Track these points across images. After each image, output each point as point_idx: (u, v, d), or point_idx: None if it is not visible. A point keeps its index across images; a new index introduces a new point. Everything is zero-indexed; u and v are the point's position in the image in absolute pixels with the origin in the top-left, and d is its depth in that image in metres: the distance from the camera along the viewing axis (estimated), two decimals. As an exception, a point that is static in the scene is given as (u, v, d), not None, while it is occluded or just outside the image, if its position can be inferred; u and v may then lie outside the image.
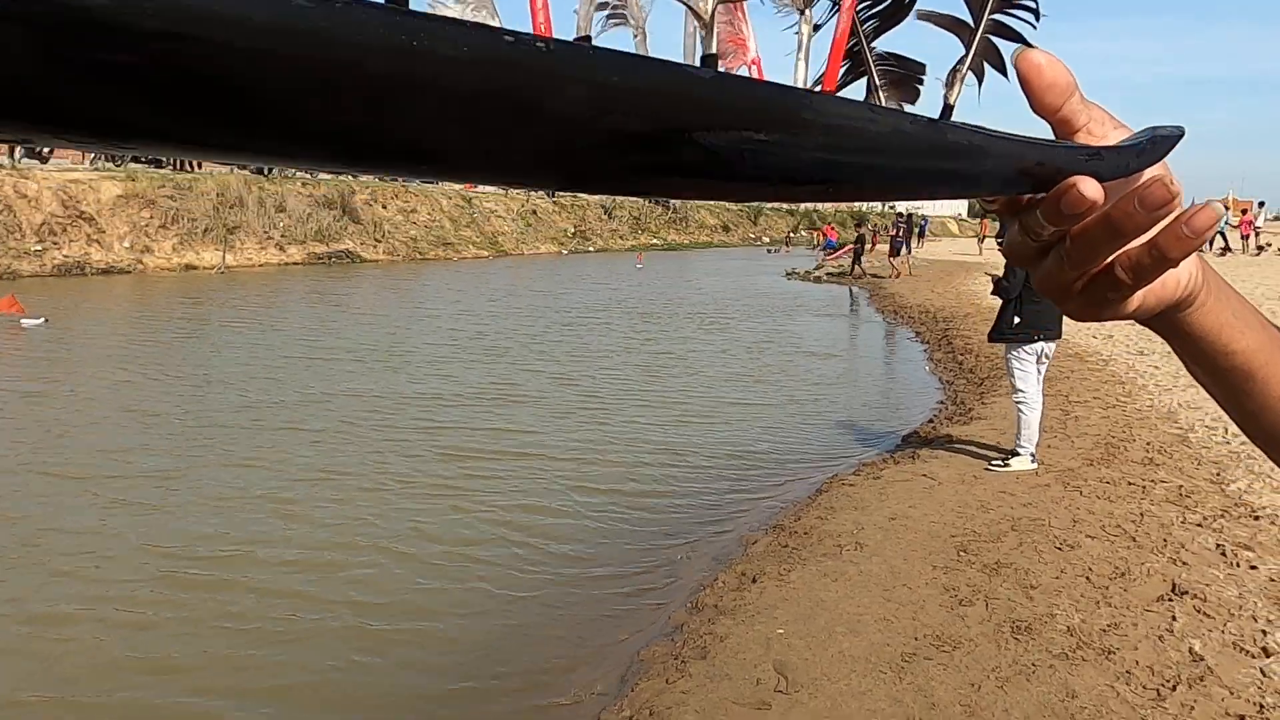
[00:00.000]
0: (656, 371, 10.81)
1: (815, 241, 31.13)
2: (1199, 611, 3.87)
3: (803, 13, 0.39)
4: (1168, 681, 3.33)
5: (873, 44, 0.43)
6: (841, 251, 30.15)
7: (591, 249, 37.75)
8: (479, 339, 12.97)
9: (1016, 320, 6.27)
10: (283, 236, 26.36)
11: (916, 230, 36.39)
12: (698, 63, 0.37)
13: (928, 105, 0.43)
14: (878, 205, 73.10)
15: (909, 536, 4.93)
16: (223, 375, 9.85)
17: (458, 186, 33.15)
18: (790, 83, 0.39)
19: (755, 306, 18.36)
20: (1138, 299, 0.48)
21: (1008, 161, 0.40)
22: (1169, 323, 0.52)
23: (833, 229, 31.94)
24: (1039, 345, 6.26)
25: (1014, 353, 6.33)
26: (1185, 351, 0.54)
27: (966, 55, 0.41)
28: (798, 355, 12.38)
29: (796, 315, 17.42)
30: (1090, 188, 0.40)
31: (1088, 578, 4.28)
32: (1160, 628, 3.74)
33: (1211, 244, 31.66)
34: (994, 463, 6.22)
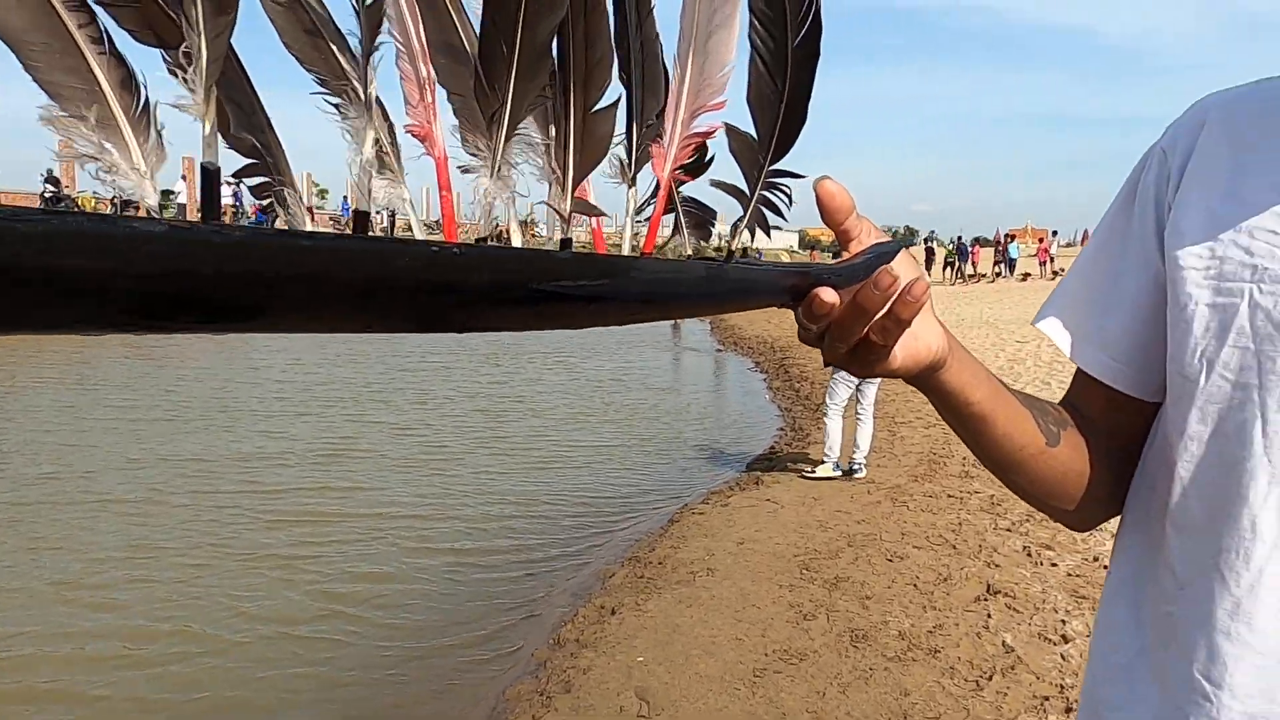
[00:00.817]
0: (502, 416, 10.77)
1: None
2: (1009, 608, 4.31)
3: (631, 186, 0.54)
4: (985, 673, 3.71)
5: (680, 189, 0.57)
6: None
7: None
8: (311, 390, 12.42)
9: None
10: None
11: (752, 263, 37.69)
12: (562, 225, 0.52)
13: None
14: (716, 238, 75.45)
15: (756, 559, 5.23)
16: (21, 444, 8.94)
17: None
18: (626, 231, 0.56)
19: (600, 343, 18.65)
20: (897, 359, 0.63)
21: (775, 285, 0.56)
22: (925, 381, 0.69)
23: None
24: None
25: (839, 374, 7.02)
26: (939, 403, 0.73)
27: (745, 216, 0.57)
28: (643, 391, 12.69)
29: (641, 350, 17.84)
30: (828, 294, 0.57)
31: (915, 585, 4.68)
32: (978, 625, 4.15)
33: (1011, 270, 34.44)
34: (806, 471, 7.16)
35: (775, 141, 0.55)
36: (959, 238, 37.80)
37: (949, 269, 34.96)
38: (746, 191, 0.57)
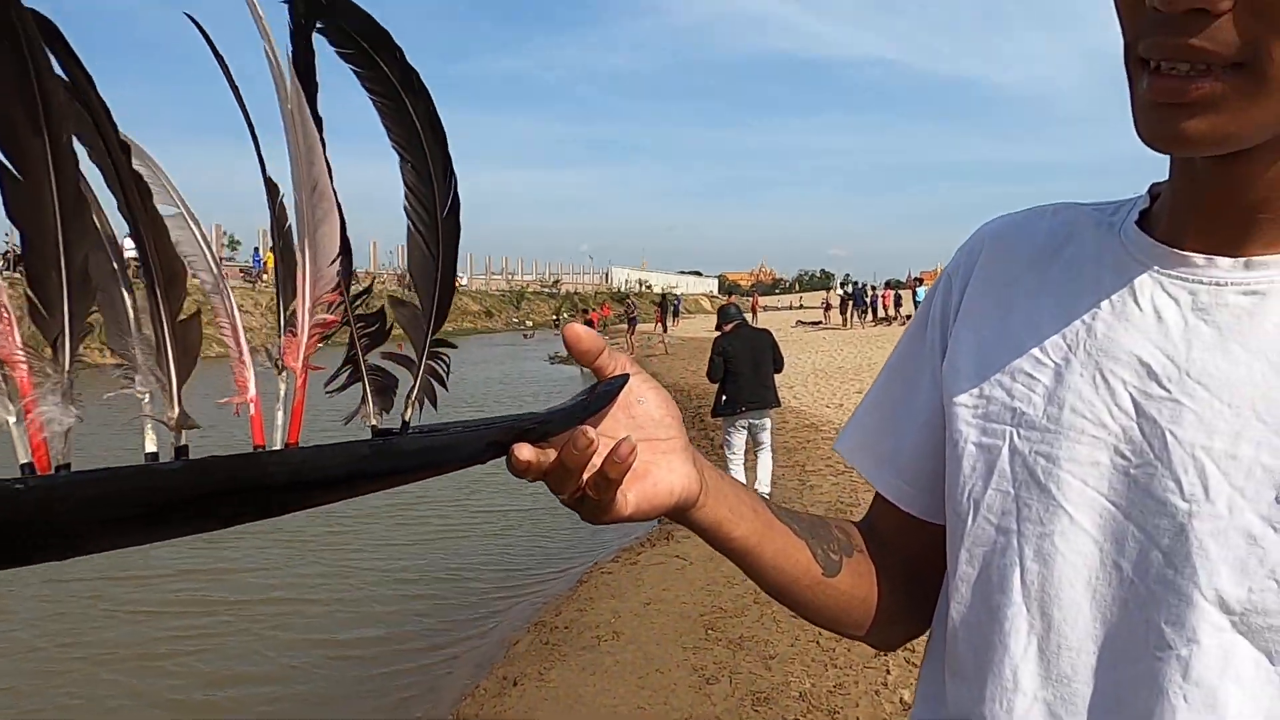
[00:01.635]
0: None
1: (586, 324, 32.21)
2: (908, 662, 4.35)
3: (279, 373, 0.53)
4: (883, 733, 3.72)
5: (366, 357, 0.56)
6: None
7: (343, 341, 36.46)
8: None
9: (724, 398, 7.17)
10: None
11: (671, 309, 38.23)
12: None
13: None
14: (636, 285, 76.19)
15: (662, 620, 5.18)
16: None
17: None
18: (278, 422, 0.52)
19: (518, 396, 18.51)
20: (629, 506, 0.61)
21: (469, 448, 0.55)
22: (677, 518, 0.67)
23: (607, 307, 32.36)
24: (745, 419, 7.18)
25: (728, 424, 7.25)
26: (698, 535, 0.72)
27: (414, 387, 0.57)
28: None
29: (559, 398, 17.68)
30: (522, 453, 0.56)
31: (818, 643, 4.69)
32: (877, 682, 4.17)
33: (872, 312, 35.73)
34: None
35: (435, 311, 0.57)
36: (855, 282, 39.01)
37: (851, 312, 35.91)
38: (415, 360, 0.57)
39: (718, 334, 7.30)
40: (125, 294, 0.48)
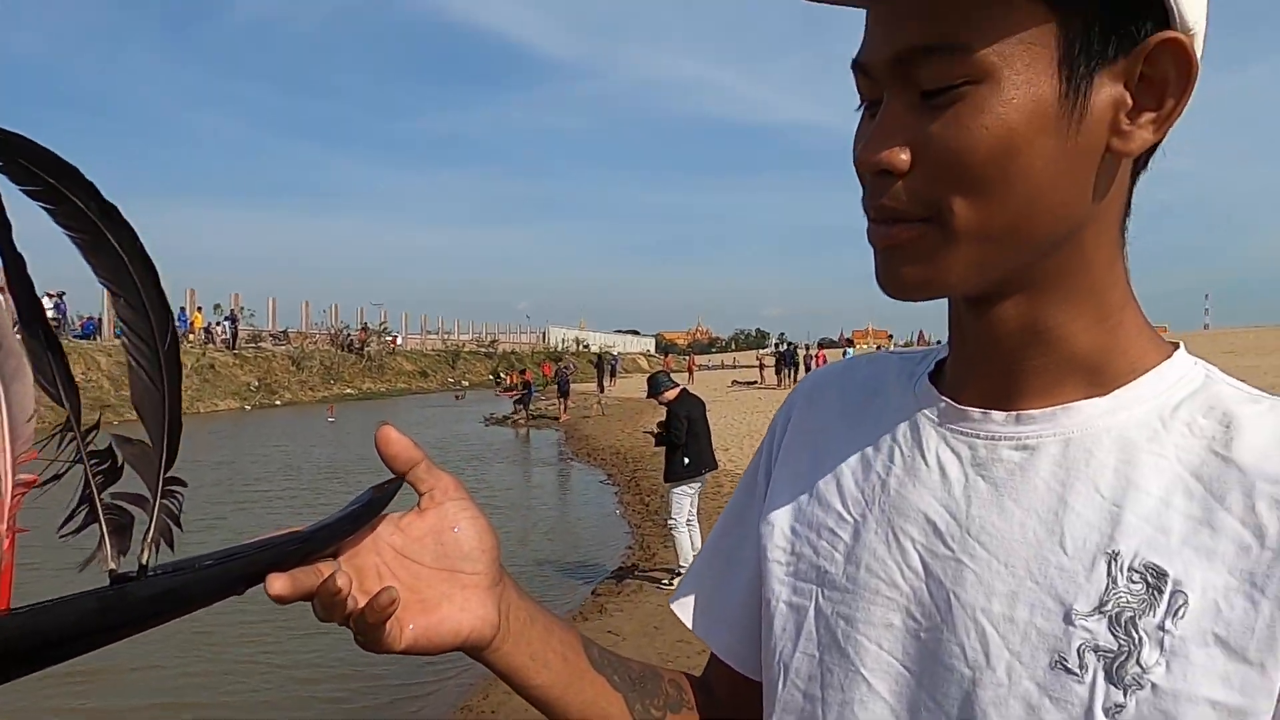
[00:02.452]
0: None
1: (511, 383, 31.51)
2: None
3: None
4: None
5: (102, 496, 0.52)
6: (510, 392, 30.81)
7: (279, 402, 35.61)
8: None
9: (687, 461, 7.20)
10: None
11: (609, 369, 38.28)
12: None
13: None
14: (573, 344, 76.28)
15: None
16: None
17: (118, 340, 30.21)
18: None
19: (451, 461, 18.20)
20: (403, 642, 0.59)
21: (220, 583, 0.53)
22: (471, 655, 0.64)
23: (547, 366, 31.67)
24: (700, 481, 7.37)
25: (680, 488, 7.23)
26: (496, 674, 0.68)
27: (150, 526, 0.54)
28: (491, 510, 12.37)
29: (493, 464, 17.50)
30: (274, 586, 0.53)
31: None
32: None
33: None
34: (663, 582, 7.46)
35: (167, 447, 0.55)
36: (789, 342, 39.73)
37: (784, 372, 36.40)
38: (150, 499, 0.54)
39: (670, 399, 7.39)
40: None
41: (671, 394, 7.47)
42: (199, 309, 40.16)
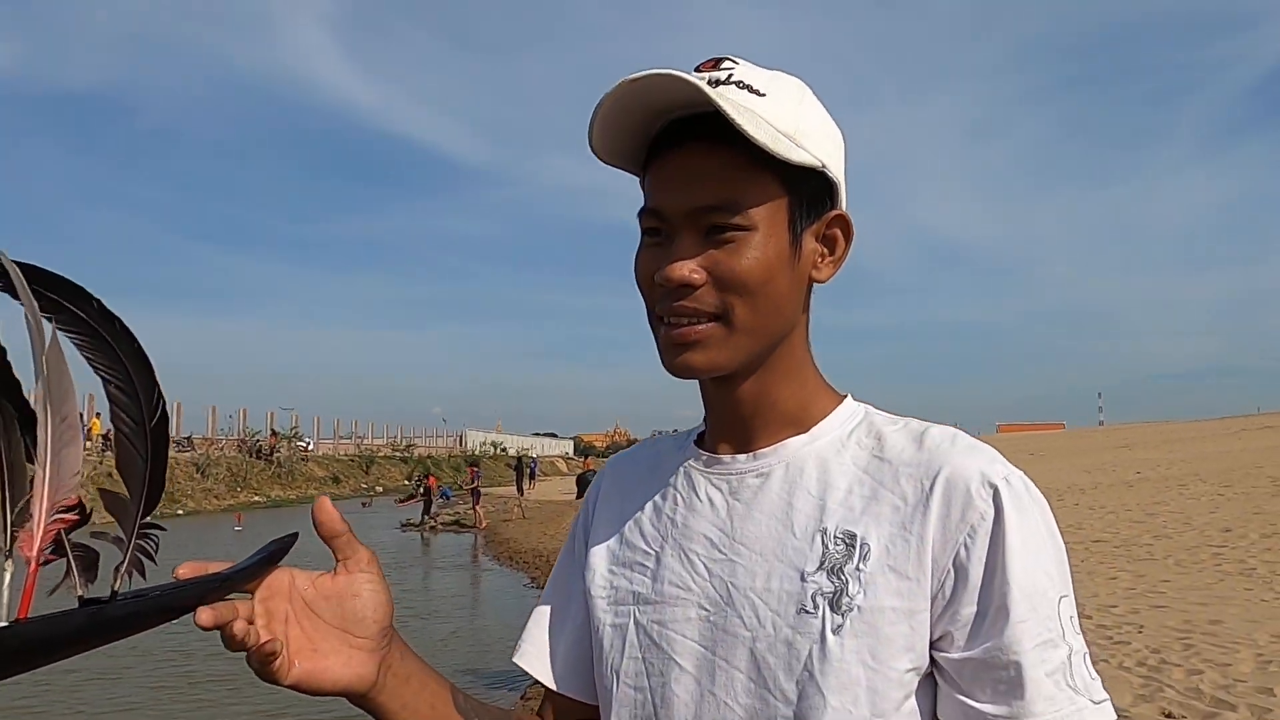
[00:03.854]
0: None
1: (421, 490, 30.55)
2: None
3: (7, 559, 0.63)
4: None
5: (69, 537, 0.65)
6: (410, 501, 30.03)
7: (181, 511, 33.95)
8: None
9: None
10: None
11: (528, 472, 37.77)
12: None
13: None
14: (490, 448, 75.18)
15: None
16: None
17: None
18: (3, 600, 0.61)
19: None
20: (290, 678, 0.72)
21: (167, 606, 0.67)
22: (352, 703, 0.77)
23: (472, 470, 30.75)
24: None
25: None
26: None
27: (124, 561, 0.68)
28: (412, 618, 11.98)
29: (413, 569, 16.99)
30: (203, 615, 0.67)
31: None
32: None
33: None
34: None
35: (145, 501, 0.69)
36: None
37: None
38: (124, 540, 0.69)
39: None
40: None
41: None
42: (97, 415, 38.41)
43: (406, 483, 46.20)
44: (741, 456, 0.87)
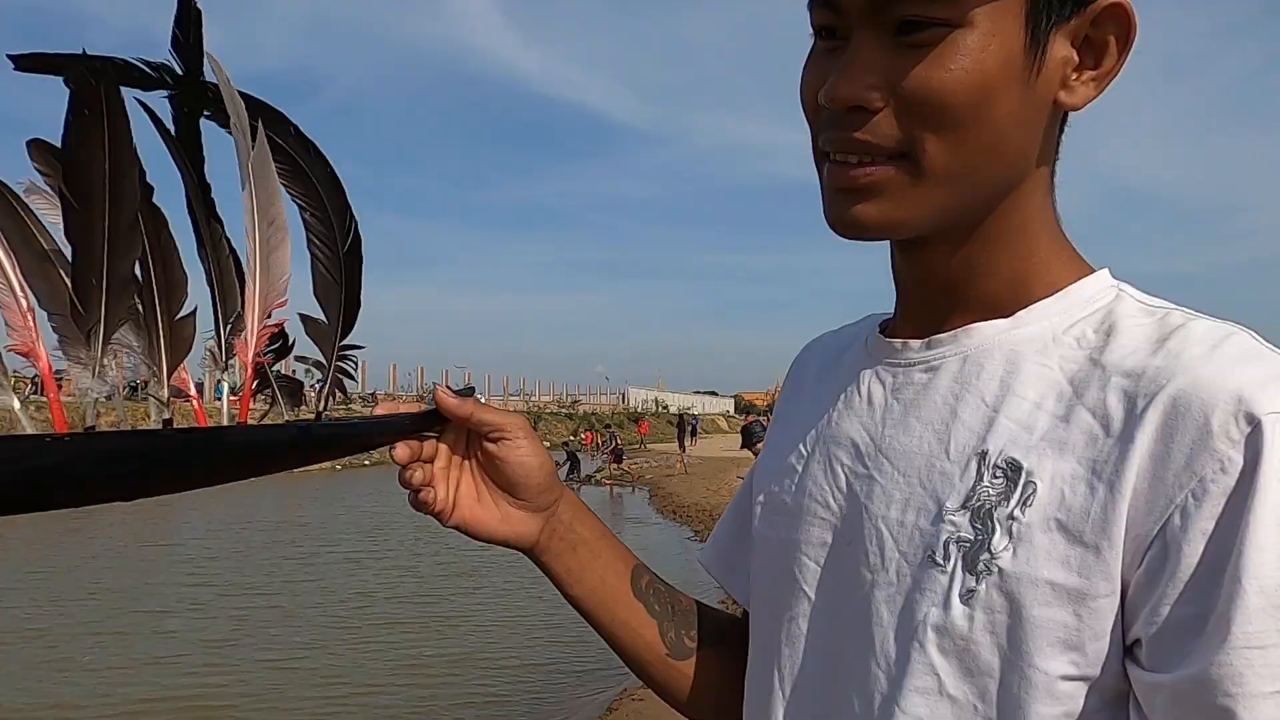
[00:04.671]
0: (439, 593, 10.41)
1: (599, 444, 31.32)
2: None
3: (223, 372, 0.68)
4: None
5: (273, 368, 0.69)
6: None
7: (368, 462, 36.38)
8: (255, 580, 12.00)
9: None
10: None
11: (689, 428, 38.07)
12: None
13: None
14: (652, 405, 76.17)
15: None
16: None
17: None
18: (223, 406, 0.66)
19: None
20: (452, 521, 0.75)
21: (370, 432, 0.71)
22: (531, 556, 0.79)
23: (645, 425, 30.78)
24: None
25: None
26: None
27: (326, 383, 0.73)
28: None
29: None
30: (400, 451, 0.71)
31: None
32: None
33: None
34: None
35: (341, 324, 0.72)
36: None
37: None
38: (325, 364, 0.73)
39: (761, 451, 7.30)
40: (140, 299, 0.63)
41: (761, 445, 7.43)
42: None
43: (571, 439, 47.63)
44: (915, 343, 0.66)
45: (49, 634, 8.43)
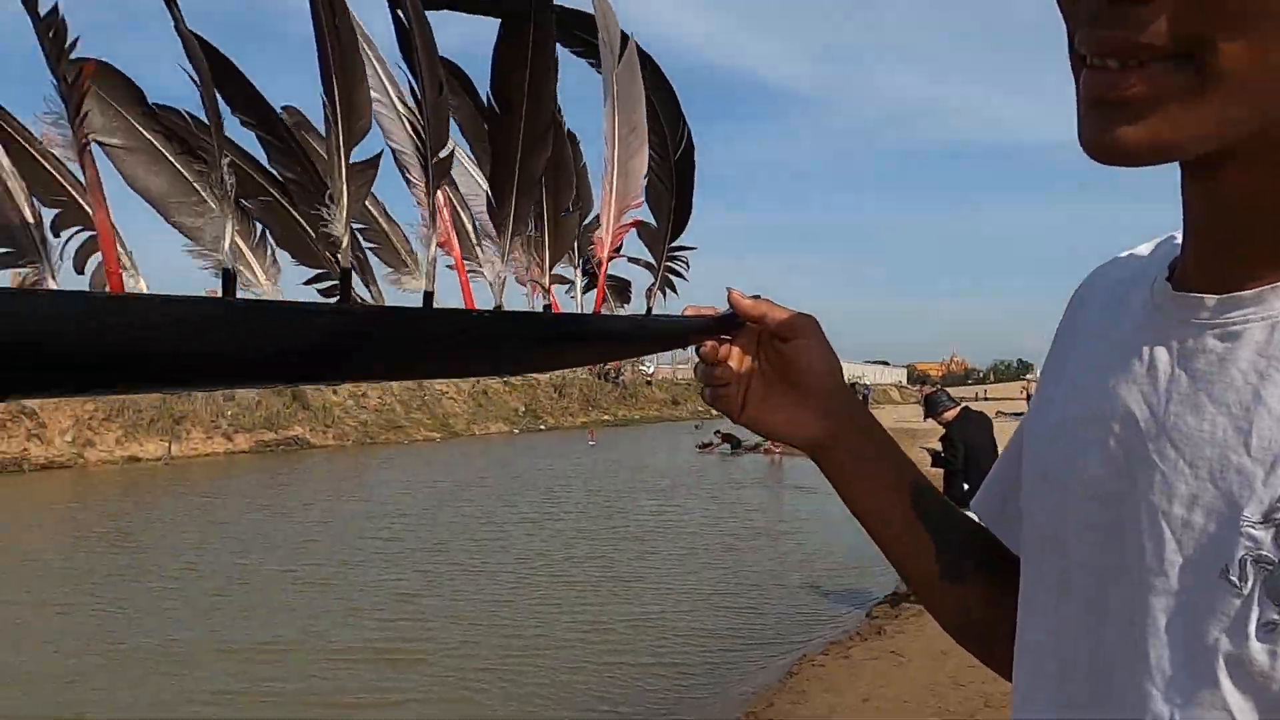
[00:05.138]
0: (613, 556, 10.67)
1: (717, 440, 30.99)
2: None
3: (577, 268, 0.77)
4: None
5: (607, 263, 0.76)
6: (709, 449, 30.21)
7: (543, 427, 37.80)
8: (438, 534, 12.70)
9: (966, 486, 6.70)
10: (230, 425, 26.09)
11: (861, 399, 37.20)
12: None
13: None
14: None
15: (883, 719, 4.87)
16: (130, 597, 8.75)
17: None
18: (577, 298, 0.76)
19: (707, 480, 18.45)
20: (742, 418, 0.80)
21: (680, 330, 0.77)
22: (814, 459, 0.81)
23: None
24: None
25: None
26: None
27: (655, 282, 0.81)
28: (751, 531, 12.39)
29: (746, 488, 17.53)
30: (707, 347, 0.78)
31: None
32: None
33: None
34: None
35: (671, 228, 0.80)
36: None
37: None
38: (655, 265, 0.81)
39: (948, 419, 7.00)
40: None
41: (950, 414, 7.09)
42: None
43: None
44: (1209, 299, 0.54)
45: (276, 578, 9.20)
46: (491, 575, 9.47)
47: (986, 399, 64.84)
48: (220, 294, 0.50)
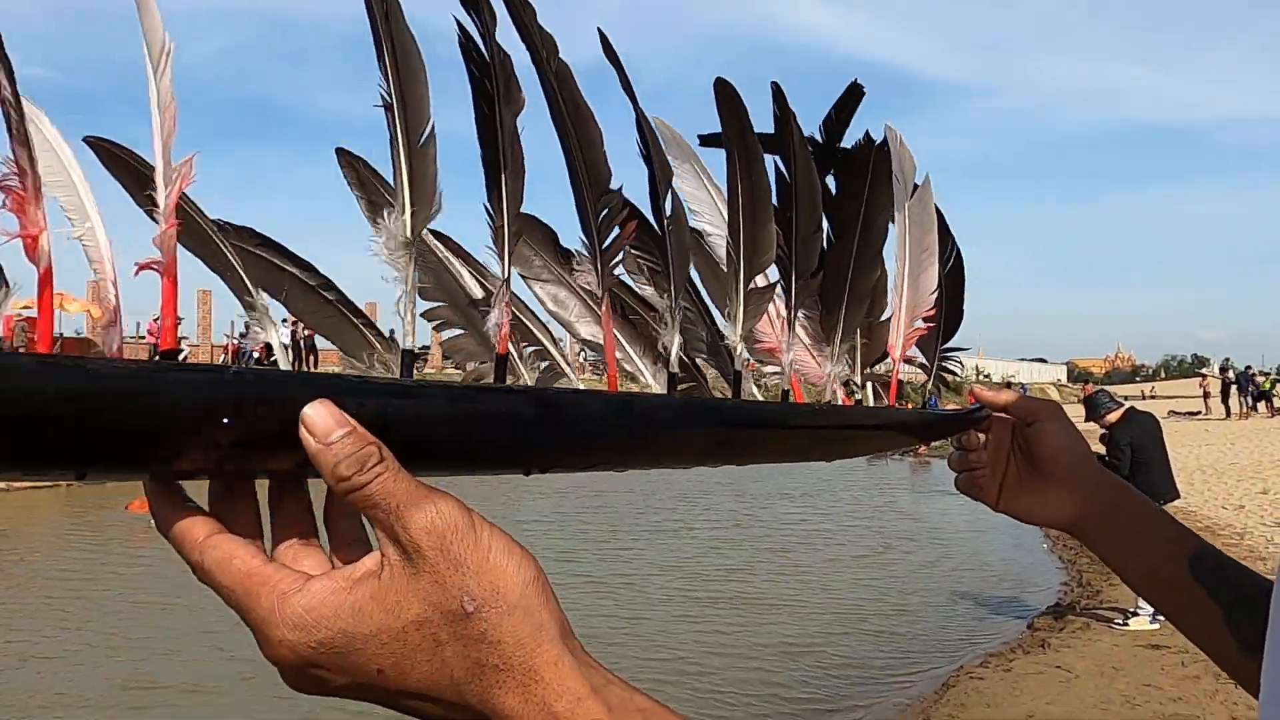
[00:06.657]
0: (770, 556, 10.57)
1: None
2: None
3: (865, 372, 0.86)
4: None
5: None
6: None
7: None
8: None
9: None
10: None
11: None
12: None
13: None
14: (973, 373, 72.15)
15: (1050, 737, 4.63)
16: None
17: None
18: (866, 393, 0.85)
19: (863, 482, 18.03)
20: (999, 504, 0.85)
21: (949, 423, 0.85)
22: (1075, 536, 0.85)
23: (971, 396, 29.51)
24: None
25: None
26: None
27: (929, 379, 0.92)
28: (909, 535, 12.02)
29: (905, 492, 17.02)
30: (969, 439, 0.85)
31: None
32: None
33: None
34: (1116, 622, 6.64)
35: (943, 332, 0.89)
36: (1246, 366, 33.74)
37: (1239, 400, 31.07)
38: (928, 365, 0.90)
39: (1112, 422, 6.60)
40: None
41: (1114, 415, 6.65)
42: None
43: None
44: None
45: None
46: (625, 586, 9.55)
47: (1153, 397, 60.48)
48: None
